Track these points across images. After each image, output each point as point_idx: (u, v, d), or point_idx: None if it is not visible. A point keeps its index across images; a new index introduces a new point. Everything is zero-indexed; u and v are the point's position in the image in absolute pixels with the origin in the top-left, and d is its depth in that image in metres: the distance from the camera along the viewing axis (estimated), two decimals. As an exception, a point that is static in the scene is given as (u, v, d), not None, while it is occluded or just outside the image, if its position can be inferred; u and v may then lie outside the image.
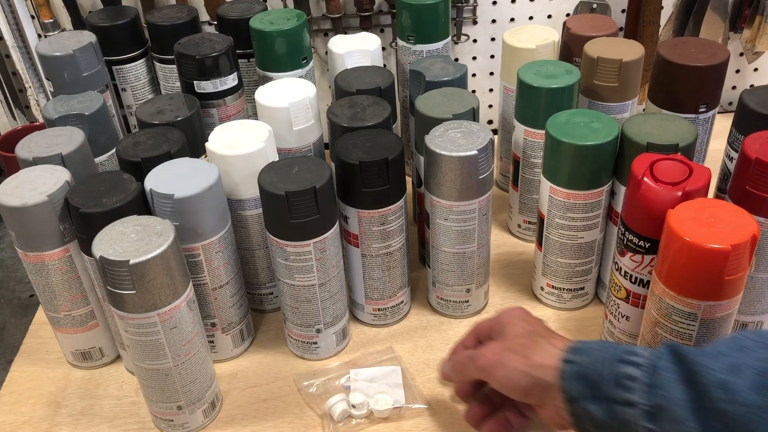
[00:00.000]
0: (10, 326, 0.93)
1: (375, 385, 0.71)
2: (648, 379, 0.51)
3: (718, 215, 0.59)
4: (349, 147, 0.70)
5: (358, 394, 0.69)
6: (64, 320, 0.73)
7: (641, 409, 0.50)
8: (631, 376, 0.51)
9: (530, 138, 0.82)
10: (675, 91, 0.78)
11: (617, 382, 0.52)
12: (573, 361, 0.55)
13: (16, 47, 1.00)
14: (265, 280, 0.81)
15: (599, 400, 0.53)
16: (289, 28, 0.85)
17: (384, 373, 0.72)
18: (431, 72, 0.81)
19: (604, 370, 0.53)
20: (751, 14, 1.03)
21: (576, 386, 0.54)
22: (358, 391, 0.70)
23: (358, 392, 0.69)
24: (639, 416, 0.50)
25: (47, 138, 0.72)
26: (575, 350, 0.56)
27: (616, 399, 0.52)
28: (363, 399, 0.69)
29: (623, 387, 0.52)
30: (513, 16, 1.08)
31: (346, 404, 0.69)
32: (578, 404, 0.54)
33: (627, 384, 0.51)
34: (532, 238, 0.90)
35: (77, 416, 0.72)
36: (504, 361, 0.58)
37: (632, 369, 0.52)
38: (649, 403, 0.50)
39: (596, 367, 0.53)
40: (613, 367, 0.52)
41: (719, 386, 0.47)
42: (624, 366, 0.52)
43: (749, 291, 0.70)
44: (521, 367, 0.57)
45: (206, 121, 0.83)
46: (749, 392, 0.46)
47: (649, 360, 0.52)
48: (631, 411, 0.51)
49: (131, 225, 0.61)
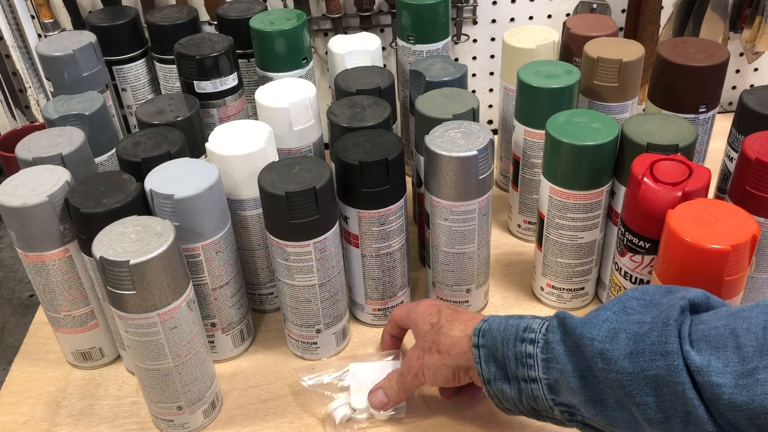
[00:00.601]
0: (10, 326, 0.93)
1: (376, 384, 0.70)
2: (543, 354, 0.54)
3: (718, 215, 0.59)
4: (349, 147, 0.70)
5: (359, 396, 0.69)
6: (64, 320, 0.73)
7: (543, 384, 0.54)
8: (529, 354, 0.55)
9: (530, 138, 0.82)
10: (675, 91, 0.78)
11: (520, 360, 0.55)
12: (481, 345, 0.58)
13: (16, 47, 1.00)
14: (265, 280, 0.81)
15: (509, 379, 0.57)
16: (289, 28, 0.85)
17: (383, 366, 0.71)
18: (431, 72, 0.81)
19: (507, 351, 0.56)
20: (751, 14, 1.03)
21: (489, 368, 0.58)
22: (359, 392, 0.69)
23: (359, 394, 0.69)
24: (544, 390, 0.54)
25: (47, 138, 0.72)
26: (481, 332, 0.59)
27: (522, 377, 0.55)
28: (364, 404, 0.68)
29: (524, 365, 0.55)
30: (513, 16, 1.08)
31: (347, 408, 0.68)
32: (493, 385, 0.58)
33: (527, 362, 0.55)
34: (532, 238, 0.90)
35: (77, 416, 0.72)
36: (425, 363, 0.63)
37: (529, 346, 0.55)
38: (547, 377, 0.54)
39: (501, 348, 0.57)
40: (515, 346, 0.56)
41: (599, 355, 0.50)
42: (522, 344, 0.55)
43: (749, 291, 0.70)
44: (439, 362, 0.62)
45: (206, 121, 0.83)
46: (623, 360, 0.49)
47: (542, 335, 0.55)
48: (535, 386, 0.55)
49: (131, 225, 0.61)
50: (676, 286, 0.53)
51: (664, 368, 0.47)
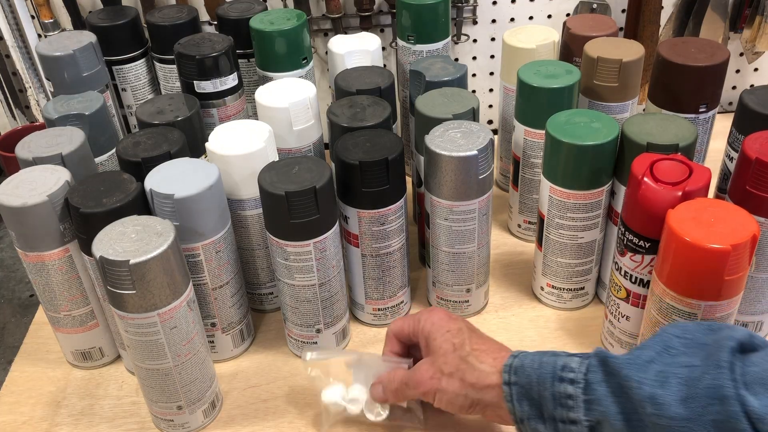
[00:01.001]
0: (10, 326, 0.93)
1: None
2: (584, 395, 0.52)
3: (718, 215, 0.59)
4: (349, 147, 0.70)
5: (358, 387, 0.66)
6: (64, 320, 0.73)
7: (584, 426, 0.52)
8: (569, 395, 0.53)
9: (530, 138, 0.82)
10: (675, 91, 0.78)
11: (558, 401, 0.53)
12: (514, 383, 0.56)
13: (16, 47, 1.00)
14: (265, 280, 0.81)
15: (546, 420, 0.54)
16: (289, 28, 0.85)
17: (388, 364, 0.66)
18: (431, 72, 0.81)
19: (544, 391, 0.54)
20: (751, 14, 1.03)
21: (522, 408, 0.55)
22: (359, 382, 0.67)
23: (359, 384, 0.67)
24: None
25: (47, 138, 0.72)
26: (513, 370, 0.56)
27: (561, 418, 0.53)
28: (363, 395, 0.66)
29: (564, 406, 0.53)
30: (513, 16, 1.08)
31: (342, 399, 0.66)
32: (527, 425, 0.56)
33: (567, 403, 0.53)
34: (532, 238, 0.90)
35: (77, 416, 0.72)
36: (443, 387, 0.60)
37: (569, 387, 0.53)
38: (589, 418, 0.52)
39: (536, 387, 0.55)
40: (552, 386, 0.54)
41: (648, 400, 0.48)
42: (561, 384, 0.53)
43: (749, 291, 0.70)
44: (460, 391, 0.59)
45: (206, 121, 0.83)
46: (677, 405, 0.47)
47: (582, 375, 0.53)
48: (575, 428, 0.53)
49: (131, 225, 0.61)
50: (716, 323, 0.53)
51: (722, 414, 0.45)
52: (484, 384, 0.58)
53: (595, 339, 0.77)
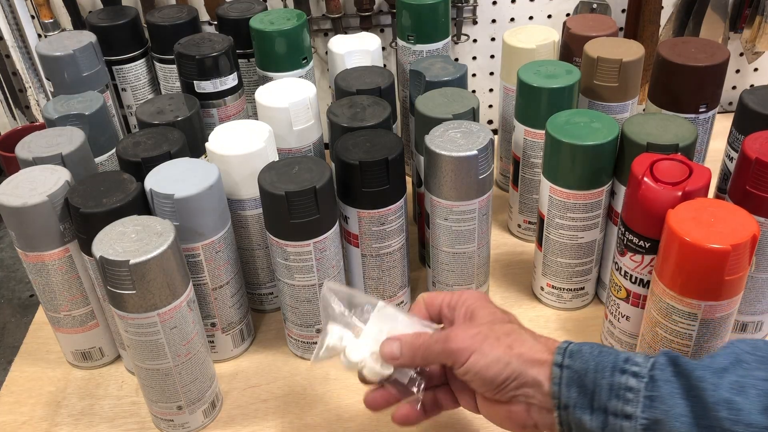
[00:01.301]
0: (10, 326, 0.93)
1: None
2: (647, 391, 0.49)
3: (718, 215, 0.59)
4: (349, 147, 0.70)
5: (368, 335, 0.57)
6: (64, 320, 0.73)
7: (639, 422, 0.49)
8: (630, 387, 0.49)
9: (530, 138, 0.82)
10: (675, 91, 0.78)
11: (615, 392, 0.50)
12: (567, 366, 0.51)
13: (16, 47, 1.00)
14: (265, 280, 0.81)
15: (595, 410, 0.50)
16: (289, 28, 0.85)
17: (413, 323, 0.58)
18: (431, 72, 0.81)
19: (601, 380, 0.50)
20: (751, 14, 1.03)
21: (571, 394, 0.51)
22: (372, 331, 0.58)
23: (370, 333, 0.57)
24: (637, 429, 0.49)
25: (47, 138, 0.72)
26: (568, 353, 0.52)
27: (614, 410, 0.50)
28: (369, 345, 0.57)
29: (622, 398, 0.49)
30: (513, 16, 1.08)
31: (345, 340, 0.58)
32: (571, 412, 0.51)
33: (626, 395, 0.49)
34: (532, 238, 0.90)
35: (77, 416, 0.72)
36: (484, 349, 0.53)
37: (631, 379, 0.50)
38: (647, 416, 0.49)
39: (592, 375, 0.51)
40: (612, 376, 0.50)
41: (724, 404, 0.46)
42: (622, 376, 0.50)
43: (749, 291, 0.70)
44: (504, 356, 0.52)
45: (206, 121, 0.83)
46: (757, 414, 0.45)
47: (648, 370, 0.50)
48: (628, 424, 0.49)
49: (131, 225, 0.61)
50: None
51: None
52: (534, 358, 0.52)
53: (595, 339, 0.77)
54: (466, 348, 0.53)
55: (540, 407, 0.52)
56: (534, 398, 0.52)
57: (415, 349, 0.55)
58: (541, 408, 0.52)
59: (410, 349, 0.56)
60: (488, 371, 0.53)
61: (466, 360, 0.53)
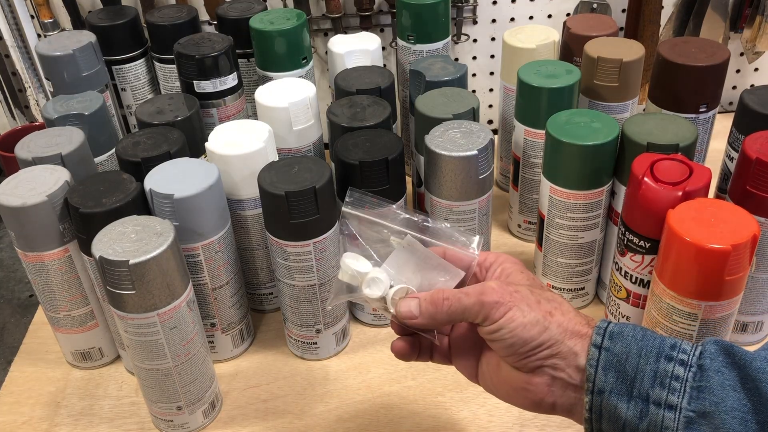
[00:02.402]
0: (10, 326, 0.92)
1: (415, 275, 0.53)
2: (695, 381, 0.45)
3: (718, 215, 0.59)
4: (349, 147, 0.70)
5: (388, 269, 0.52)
6: (63, 320, 0.73)
7: (683, 413, 0.45)
8: (676, 376, 0.45)
9: (530, 138, 0.82)
10: (675, 91, 0.78)
11: (660, 380, 0.45)
12: (606, 348, 0.47)
13: (15, 47, 1.00)
14: (265, 280, 0.81)
15: (633, 398, 0.46)
16: (289, 28, 0.85)
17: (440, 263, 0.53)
18: (431, 72, 0.81)
19: (645, 365, 0.46)
20: (752, 14, 1.03)
21: (608, 378, 0.46)
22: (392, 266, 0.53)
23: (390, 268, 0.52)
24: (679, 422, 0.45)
25: (47, 138, 0.72)
26: (608, 334, 0.47)
27: (656, 399, 0.45)
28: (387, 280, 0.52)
29: (665, 387, 0.45)
30: (513, 16, 1.08)
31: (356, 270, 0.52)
32: (605, 399, 0.46)
33: (671, 384, 0.45)
34: (532, 238, 0.90)
35: (77, 416, 0.72)
36: (522, 307, 0.48)
37: (678, 368, 0.45)
38: (693, 408, 0.44)
39: (635, 359, 0.46)
40: (657, 363, 0.46)
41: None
42: (669, 363, 0.45)
43: (749, 291, 0.70)
44: (543, 320, 0.48)
45: (206, 121, 0.83)
46: None
47: (697, 359, 0.45)
48: (670, 415, 0.45)
49: (131, 225, 0.61)
50: None
51: None
52: (574, 329, 0.48)
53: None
54: (504, 303, 0.48)
55: (565, 383, 0.48)
56: (563, 372, 0.48)
57: (437, 306, 0.50)
58: (566, 384, 0.48)
59: (431, 305, 0.50)
60: (524, 332, 0.47)
61: (501, 316, 0.48)
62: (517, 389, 0.50)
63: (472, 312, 0.49)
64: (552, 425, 0.67)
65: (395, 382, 0.73)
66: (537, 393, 0.49)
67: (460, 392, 0.71)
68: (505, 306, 0.48)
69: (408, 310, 0.51)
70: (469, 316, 0.49)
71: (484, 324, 0.49)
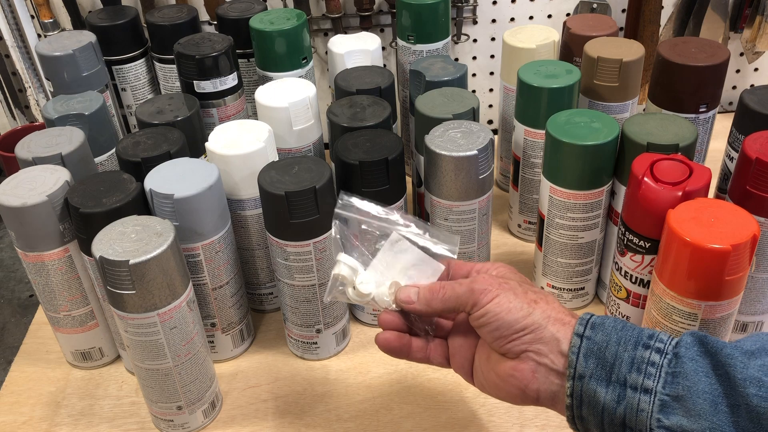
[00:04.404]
0: (10, 326, 0.92)
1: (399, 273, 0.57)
2: (670, 367, 0.47)
3: (718, 215, 0.59)
4: (349, 147, 0.70)
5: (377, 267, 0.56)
6: (63, 320, 0.73)
7: (658, 397, 0.47)
8: (652, 362, 0.48)
9: (530, 138, 0.82)
10: (675, 91, 0.78)
11: (637, 366, 0.48)
12: (587, 337, 0.50)
13: (16, 47, 1.00)
14: (265, 280, 0.81)
15: (612, 383, 0.49)
16: (289, 28, 0.85)
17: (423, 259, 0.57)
18: (431, 72, 0.81)
19: (623, 353, 0.49)
20: (752, 14, 1.03)
21: (588, 364, 0.49)
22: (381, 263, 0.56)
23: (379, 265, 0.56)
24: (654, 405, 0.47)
25: (47, 138, 0.72)
26: (590, 324, 0.50)
27: (632, 384, 0.48)
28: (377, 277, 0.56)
29: (641, 372, 0.48)
30: (513, 16, 1.08)
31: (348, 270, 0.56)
32: (585, 383, 0.49)
33: (647, 370, 0.48)
34: (532, 238, 0.90)
35: (77, 416, 0.72)
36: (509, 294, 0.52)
37: (655, 355, 0.48)
38: (667, 392, 0.47)
39: (614, 347, 0.49)
40: (635, 351, 0.48)
41: (753, 381, 0.45)
42: (646, 351, 0.48)
43: (749, 291, 0.70)
44: (527, 307, 0.51)
45: (206, 121, 0.83)
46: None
47: (672, 347, 0.48)
48: (646, 398, 0.47)
49: (131, 225, 0.61)
50: None
51: None
52: (557, 316, 0.51)
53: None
54: (491, 290, 0.52)
55: (548, 370, 0.51)
56: (546, 357, 0.51)
57: (433, 293, 0.54)
58: (549, 370, 0.51)
59: (429, 292, 0.54)
60: (508, 315, 0.51)
61: (488, 301, 0.52)
62: (504, 378, 0.53)
63: (463, 299, 0.53)
64: (552, 425, 0.67)
65: (395, 382, 0.73)
66: (522, 380, 0.52)
67: (460, 392, 0.71)
68: (493, 293, 0.52)
69: (407, 296, 0.55)
70: (461, 304, 0.53)
71: (473, 311, 0.52)
